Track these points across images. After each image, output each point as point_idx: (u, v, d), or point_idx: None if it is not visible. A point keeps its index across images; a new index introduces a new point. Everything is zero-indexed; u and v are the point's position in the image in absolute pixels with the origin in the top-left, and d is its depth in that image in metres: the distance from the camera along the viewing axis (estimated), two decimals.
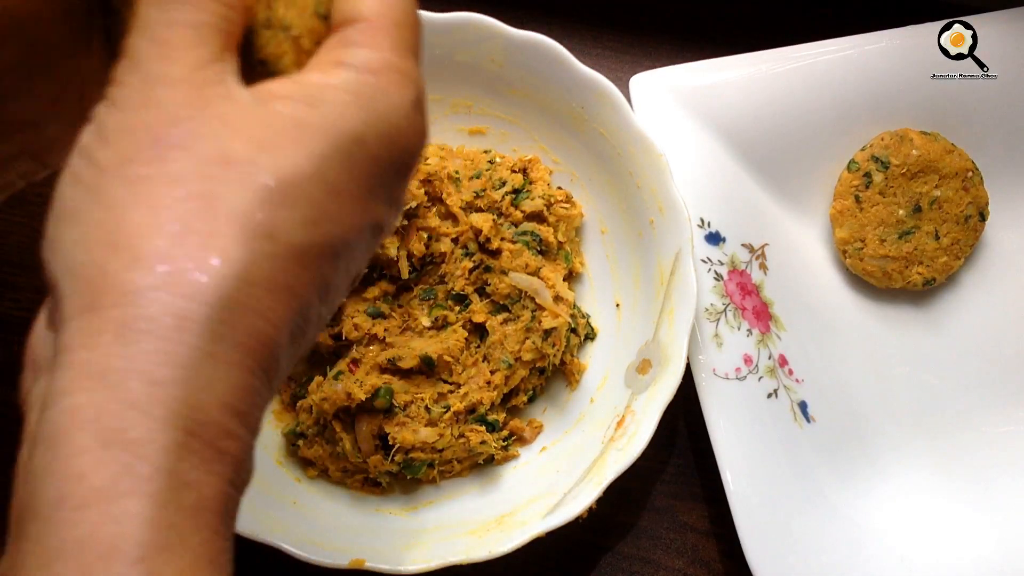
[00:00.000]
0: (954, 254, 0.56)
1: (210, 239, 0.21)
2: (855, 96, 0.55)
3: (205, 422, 0.21)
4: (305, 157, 0.22)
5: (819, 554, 0.49)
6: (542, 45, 0.50)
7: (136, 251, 0.21)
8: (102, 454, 0.20)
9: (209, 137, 0.22)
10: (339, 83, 0.24)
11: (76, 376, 0.21)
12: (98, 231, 0.21)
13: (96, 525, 0.20)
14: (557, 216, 0.53)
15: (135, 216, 0.21)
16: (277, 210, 0.22)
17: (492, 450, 0.51)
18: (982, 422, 0.55)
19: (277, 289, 0.22)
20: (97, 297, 0.21)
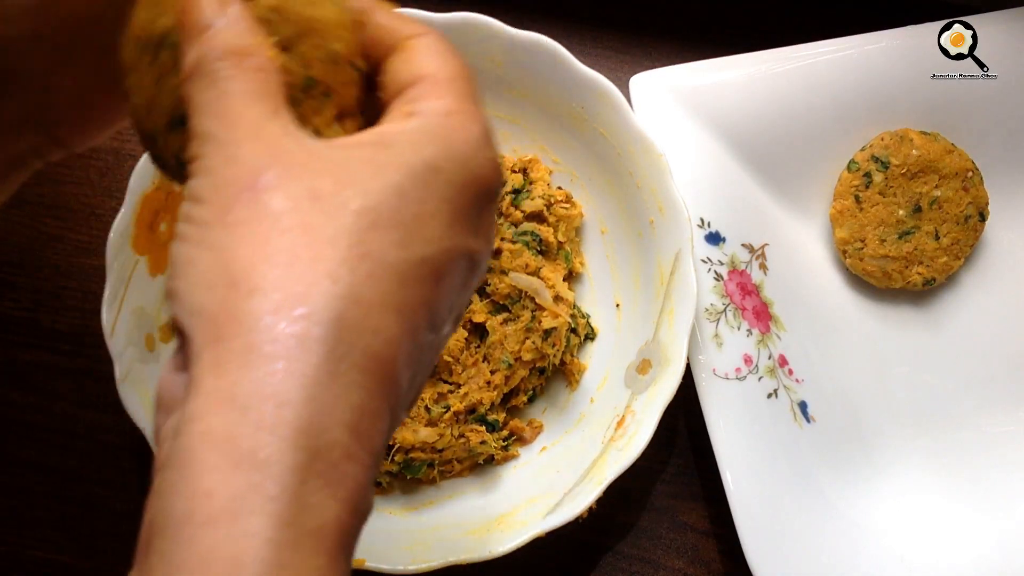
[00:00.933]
0: (954, 254, 0.56)
1: (315, 264, 0.22)
2: (855, 96, 0.55)
3: (330, 443, 0.22)
4: (387, 185, 0.24)
5: (819, 554, 0.49)
6: (542, 45, 0.50)
7: (250, 283, 0.22)
8: (231, 473, 0.21)
9: (294, 179, 0.23)
10: (409, 127, 0.25)
11: (206, 402, 0.22)
12: (211, 272, 0.23)
13: (221, 541, 0.20)
14: (557, 216, 0.53)
15: (243, 253, 0.23)
16: (369, 233, 0.23)
17: (492, 450, 0.51)
18: (982, 422, 0.55)
19: (385, 308, 0.23)
20: (221, 329, 0.22)
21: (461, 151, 0.25)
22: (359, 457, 0.22)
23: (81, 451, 0.53)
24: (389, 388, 0.23)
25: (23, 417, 0.54)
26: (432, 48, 0.27)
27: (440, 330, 0.26)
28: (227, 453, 0.21)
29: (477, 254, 0.26)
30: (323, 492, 0.22)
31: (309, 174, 0.24)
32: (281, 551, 0.21)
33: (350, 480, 0.22)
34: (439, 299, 0.25)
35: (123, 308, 0.47)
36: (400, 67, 0.27)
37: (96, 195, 0.57)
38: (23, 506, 0.53)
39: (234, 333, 0.22)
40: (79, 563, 0.52)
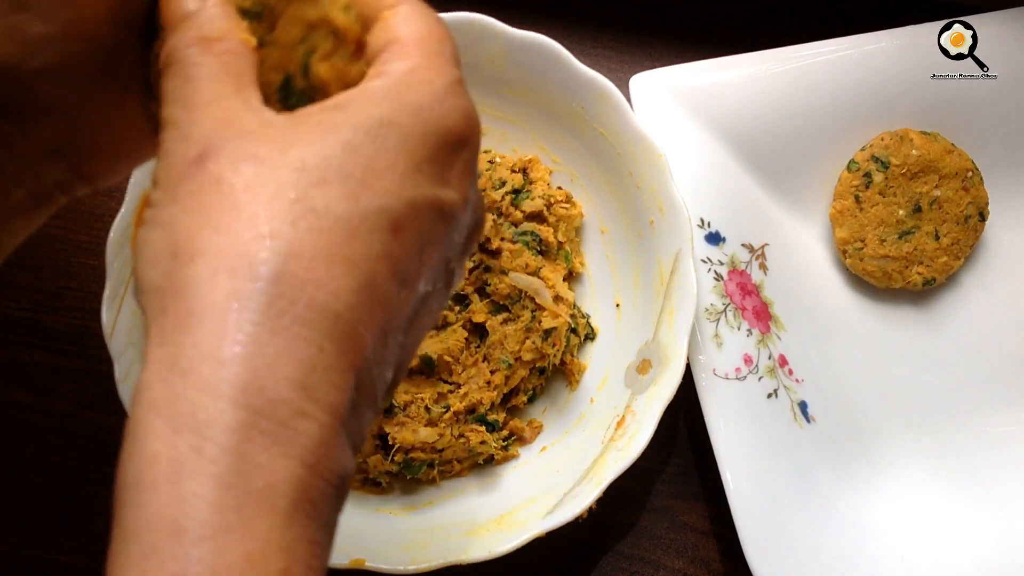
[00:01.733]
0: (954, 254, 0.56)
1: (253, 223, 0.22)
2: (855, 96, 0.55)
3: (274, 400, 0.21)
4: (335, 143, 0.24)
5: (819, 554, 0.49)
6: (542, 45, 0.50)
7: (191, 250, 0.22)
8: (173, 437, 0.21)
9: (239, 147, 0.23)
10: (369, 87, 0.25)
11: (151, 371, 0.22)
12: (158, 247, 0.23)
13: (163, 505, 0.20)
14: (557, 216, 0.53)
15: (186, 223, 0.23)
16: (314, 188, 0.23)
17: (492, 450, 0.51)
18: (982, 422, 0.55)
19: (331, 260, 0.23)
20: (165, 300, 0.22)
21: (419, 102, 0.25)
22: (312, 414, 0.22)
23: (81, 451, 0.53)
24: (346, 342, 0.23)
25: (23, 417, 0.54)
26: (406, 14, 0.27)
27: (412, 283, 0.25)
28: (169, 418, 0.21)
29: (448, 204, 0.25)
30: (271, 451, 0.21)
31: (255, 140, 0.24)
32: (223, 513, 0.20)
33: (304, 437, 0.22)
34: (401, 249, 0.24)
35: (123, 308, 0.47)
36: (377, 35, 0.27)
37: (96, 195, 0.57)
38: (23, 506, 0.53)
39: (175, 301, 0.22)
40: (79, 563, 0.52)
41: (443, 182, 0.25)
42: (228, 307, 0.22)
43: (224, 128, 0.24)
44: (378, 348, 0.24)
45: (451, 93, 0.26)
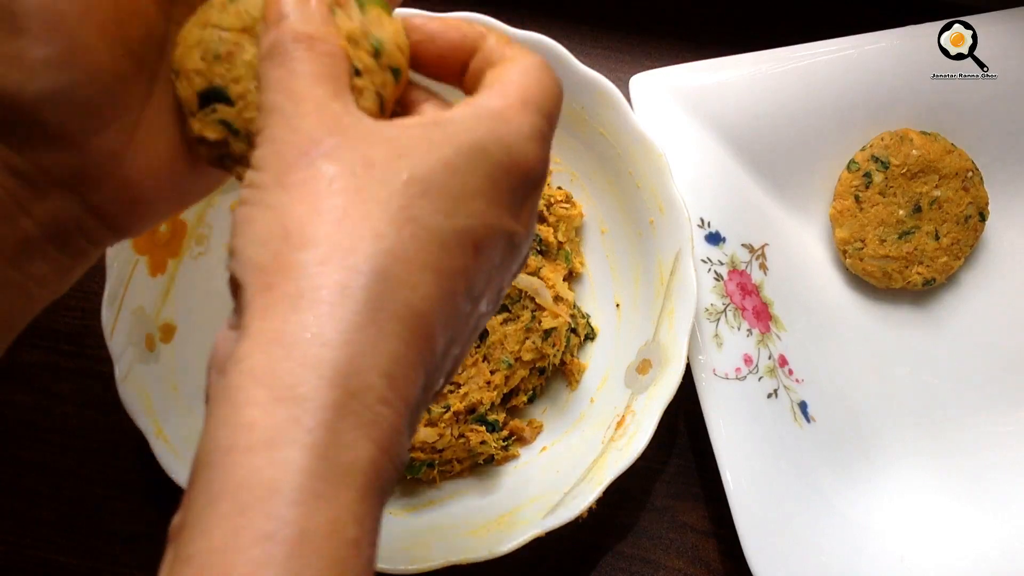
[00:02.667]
0: (954, 254, 0.56)
1: (363, 221, 0.24)
2: (855, 96, 0.55)
3: (365, 386, 0.23)
4: (436, 159, 0.26)
5: (819, 554, 0.49)
6: (542, 45, 0.50)
7: (302, 236, 0.24)
8: (272, 406, 0.22)
9: (350, 148, 0.25)
10: (463, 112, 0.27)
11: (253, 342, 0.23)
12: (267, 228, 0.25)
13: (259, 469, 0.22)
14: (557, 216, 0.53)
15: (297, 211, 0.24)
16: (417, 199, 0.25)
17: (492, 450, 0.51)
18: (982, 422, 0.55)
19: (425, 267, 0.25)
20: (271, 278, 0.24)
21: (509, 137, 0.27)
22: (393, 403, 0.24)
23: (81, 451, 0.53)
24: (424, 343, 0.25)
25: (23, 417, 0.54)
26: (526, 65, 0.29)
27: (478, 302, 0.27)
28: (269, 387, 0.22)
29: (516, 235, 0.28)
30: (357, 431, 0.23)
31: (365, 145, 0.25)
32: (315, 480, 0.22)
33: (384, 423, 0.23)
34: (477, 269, 0.26)
35: (123, 308, 0.47)
36: (488, 75, 0.29)
37: None
38: (23, 506, 0.53)
39: (283, 281, 0.24)
40: (79, 563, 0.52)
41: (516, 216, 0.28)
42: (335, 294, 0.23)
43: (332, 127, 0.26)
44: (443, 354, 0.26)
45: (536, 139, 0.28)
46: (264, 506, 0.21)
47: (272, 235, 0.24)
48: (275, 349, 0.23)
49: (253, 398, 0.22)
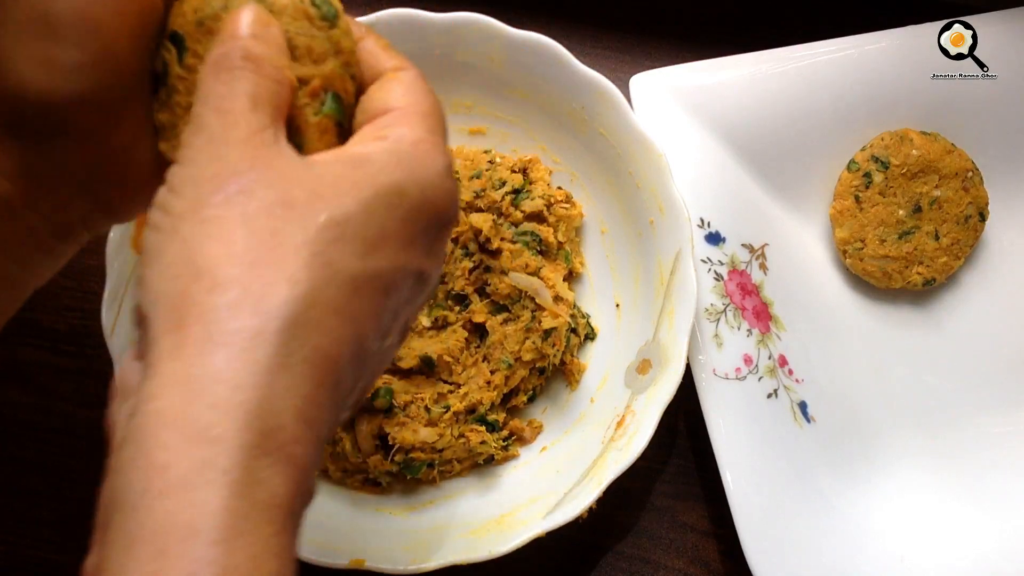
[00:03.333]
0: (954, 254, 0.56)
1: (279, 266, 0.24)
2: (855, 96, 0.55)
3: (278, 427, 0.24)
4: (355, 202, 0.26)
5: (819, 554, 0.49)
6: (542, 45, 0.50)
7: (214, 277, 0.24)
8: (185, 448, 0.22)
9: (270, 186, 0.25)
10: (380, 148, 0.27)
11: (162, 383, 0.23)
12: (177, 263, 0.24)
13: (177, 511, 0.22)
14: (557, 216, 0.53)
15: (211, 249, 0.24)
16: (334, 244, 0.25)
17: (492, 450, 0.51)
18: (982, 422, 0.55)
19: (338, 312, 0.25)
20: (181, 317, 0.24)
21: (425, 178, 0.27)
22: (305, 440, 0.24)
23: (81, 451, 0.53)
24: (334, 384, 0.25)
25: (23, 417, 0.54)
26: (410, 84, 0.29)
27: (385, 338, 0.28)
28: (182, 430, 0.23)
29: (426, 273, 0.28)
30: (272, 469, 0.23)
31: (285, 182, 0.25)
32: (233, 518, 0.22)
33: (297, 460, 0.24)
34: (386, 309, 0.27)
35: (123, 308, 0.47)
36: (377, 95, 0.29)
37: None
38: (23, 506, 0.53)
39: (194, 322, 0.24)
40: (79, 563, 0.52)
41: (429, 254, 0.28)
42: (247, 339, 0.24)
43: (256, 159, 0.26)
44: (351, 390, 0.27)
45: (448, 175, 0.29)
46: (184, 548, 0.21)
47: (183, 272, 0.24)
48: (186, 391, 0.23)
49: (165, 441, 0.22)
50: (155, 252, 0.25)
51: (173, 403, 0.23)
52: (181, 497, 0.22)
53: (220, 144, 0.26)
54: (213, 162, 0.25)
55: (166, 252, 0.25)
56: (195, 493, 0.22)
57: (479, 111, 0.55)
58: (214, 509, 0.22)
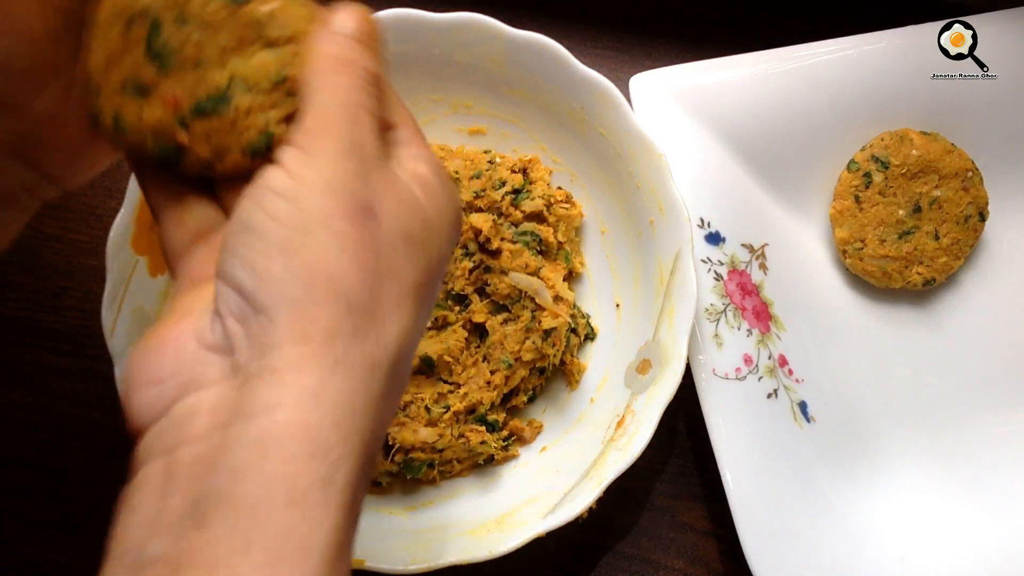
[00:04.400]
0: (954, 254, 0.56)
1: (399, 306, 0.26)
2: (855, 96, 0.55)
3: (374, 455, 0.26)
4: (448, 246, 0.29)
5: (819, 554, 0.49)
6: (542, 45, 0.50)
7: (346, 303, 0.25)
8: (310, 464, 0.23)
9: (394, 215, 0.27)
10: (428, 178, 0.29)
11: (291, 395, 0.24)
12: (312, 272, 0.25)
13: (296, 523, 0.23)
14: (557, 216, 0.53)
15: (344, 268, 0.25)
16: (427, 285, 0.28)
17: (492, 450, 0.51)
18: (982, 422, 0.55)
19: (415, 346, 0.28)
20: (310, 331, 0.24)
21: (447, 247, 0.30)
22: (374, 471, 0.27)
23: (81, 451, 0.53)
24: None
25: (23, 417, 0.54)
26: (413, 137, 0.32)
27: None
28: (306, 446, 0.23)
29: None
30: (363, 492, 0.25)
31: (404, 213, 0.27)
32: (343, 536, 0.24)
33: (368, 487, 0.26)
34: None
35: (123, 308, 0.47)
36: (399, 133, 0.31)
37: (96, 195, 0.57)
38: (23, 506, 0.53)
39: (323, 340, 0.25)
40: (79, 563, 0.52)
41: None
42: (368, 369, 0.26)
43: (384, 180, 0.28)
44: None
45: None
46: (300, 560, 0.23)
47: (314, 282, 0.25)
48: (314, 409, 0.24)
49: (290, 452, 0.23)
50: (284, 245, 0.25)
51: (300, 418, 0.24)
52: (301, 511, 0.23)
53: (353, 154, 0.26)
54: (347, 172, 0.26)
55: (298, 251, 0.25)
56: (315, 510, 0.23)
57: (479, 111, 0.55)
58: (329, 527, 0.23)
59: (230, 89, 0.28)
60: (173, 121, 0.28)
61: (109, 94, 0.28)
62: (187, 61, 0.28)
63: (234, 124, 0.28)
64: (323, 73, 0.28)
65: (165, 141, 0.28)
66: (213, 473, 0.23)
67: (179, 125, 0.28)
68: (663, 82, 0.54)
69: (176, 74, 0.28)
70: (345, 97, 0.27)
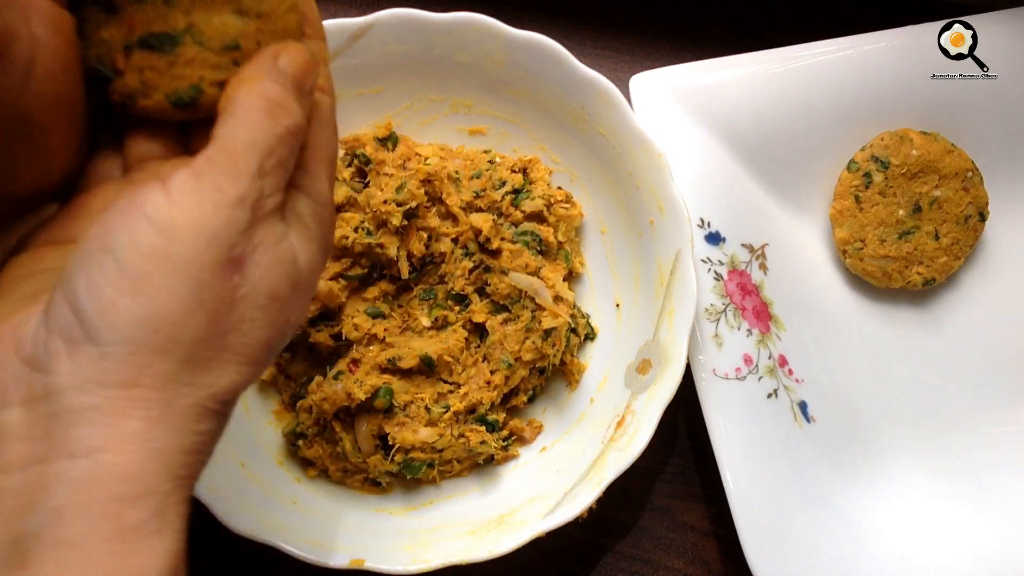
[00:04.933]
0: (954, 254, 0.56)
1: (239, 361, 0.26)
2: (855, 96, 0.55)
3: (198, 477, 0.26)
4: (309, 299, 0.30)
5: (819, 554, 0.49)
6: (542, 45, 0.50)
7: (185, 354, 0.25)
8: (137, 501, 0.24)
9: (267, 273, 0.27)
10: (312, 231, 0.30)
11: (115, 436, 0.24)
12: (159, 319, 0.24)
13: (130, 554, 0.23)
14: (557, 216, 0.53)
15: (192, 320, 0.25)
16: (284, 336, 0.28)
17: (492, 450, 0.51)
18: (982, 422, 0.55)
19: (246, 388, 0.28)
20: (142, 377, 0.24)
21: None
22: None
23: None
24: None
25: None
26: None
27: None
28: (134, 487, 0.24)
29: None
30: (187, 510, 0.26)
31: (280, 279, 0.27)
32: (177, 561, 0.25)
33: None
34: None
35: None
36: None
37: None
38: None
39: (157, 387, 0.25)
40: None
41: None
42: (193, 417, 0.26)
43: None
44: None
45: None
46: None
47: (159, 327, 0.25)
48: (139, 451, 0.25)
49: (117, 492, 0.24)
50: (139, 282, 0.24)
51: (127, 460, 0.24)
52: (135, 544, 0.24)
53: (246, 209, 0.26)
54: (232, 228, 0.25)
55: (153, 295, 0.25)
56: (150, 539, 0.24)
57: (479, 111, 0.55)
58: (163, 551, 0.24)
59: (182, 36, 0.29)
60: (120, 43, 0.29)
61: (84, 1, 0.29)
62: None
63: (171, 67, 0.29)
64: (249, 109, 0.26)
65: (105, 59, 0.29)
66: (32, 512, 0.23)
67: (122, 49, 0.29)
68: (663, 82, 0.54)
69: (144, 4, 0.29)
70: (263, 143, 0.26)
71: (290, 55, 0.28)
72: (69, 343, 0.24)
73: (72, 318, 0.24)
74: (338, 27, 0.49)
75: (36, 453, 0.24)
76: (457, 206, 0.51)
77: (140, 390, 0.24)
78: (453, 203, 0.51)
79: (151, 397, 0.24)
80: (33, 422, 0.24)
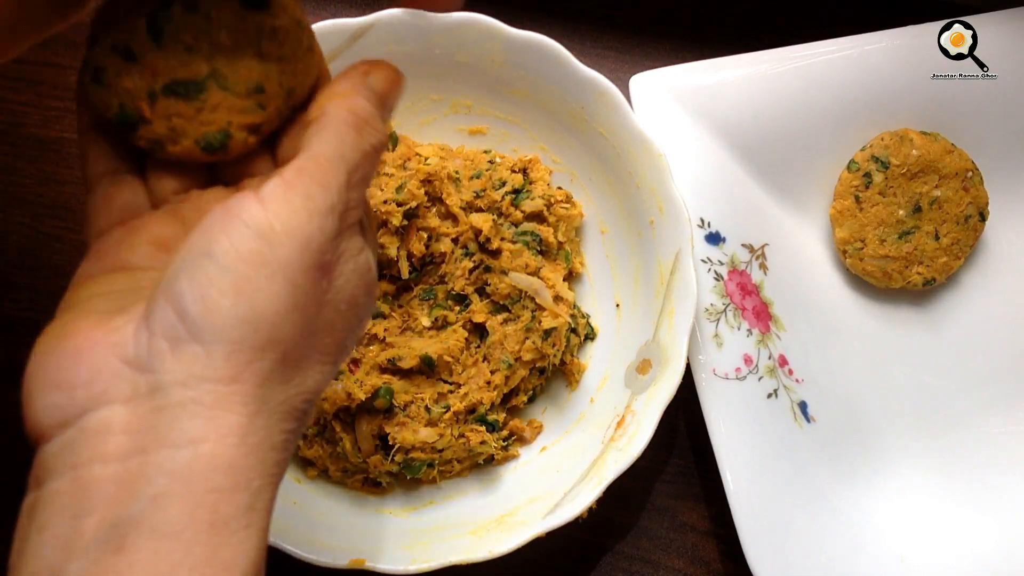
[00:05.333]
0: (954, 254, 0.56)
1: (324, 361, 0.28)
2: (855, 96, 0.55)
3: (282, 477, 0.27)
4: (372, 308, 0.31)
5: (819, 554, 0.49)
6: (542, 45, 0.50)
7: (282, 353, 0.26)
8: (231, 494, 0.25)
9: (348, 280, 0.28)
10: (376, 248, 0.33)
11: (215, 429, 0.25)
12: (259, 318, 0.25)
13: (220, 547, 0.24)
14: (557, 216, 0.53)
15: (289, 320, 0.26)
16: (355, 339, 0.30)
17: (492, 450, 0.51)
18: (982, 422, 0.55)
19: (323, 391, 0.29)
20: (242, 373, 0.25)
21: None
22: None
23: None
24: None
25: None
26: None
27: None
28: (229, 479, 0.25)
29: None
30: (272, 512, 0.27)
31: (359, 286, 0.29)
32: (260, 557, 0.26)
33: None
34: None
35: None
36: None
37: None
38: None
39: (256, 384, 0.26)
40: None
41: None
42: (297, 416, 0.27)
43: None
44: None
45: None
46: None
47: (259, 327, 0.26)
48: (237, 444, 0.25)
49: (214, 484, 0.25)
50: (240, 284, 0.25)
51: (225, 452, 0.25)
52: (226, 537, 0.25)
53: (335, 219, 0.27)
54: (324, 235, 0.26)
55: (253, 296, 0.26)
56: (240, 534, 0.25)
57: (479, 111, 0.55)
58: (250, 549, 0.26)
59: (206, 81, 0.29)
60: (144, 91, 0.29)
61: (100, 50, 0.29)
62: (180, 44, 0.29)
63: (199, 113, 0.29)
64: (340, 124, 0.28)
65: (130, 108, 0.29)
66: (132, 498, 0.24)
67: (147, 97, 0.29)
68: (663, 82, 0.54)
69: (166, 52, 0.29)
70: (351, 158, 0.27)
71: (380, 73, 0.29)
72: (173, 343, 0.25)
73: (176, 319, 0.25)
74: (338, 27, 0.49)
75: (138, 445, 0.25)
76: (457, 206, 0.51)
77: (240, 385, 0.25)
78: (453, 203, 0.51)
79: (250, 392, 0.25)
80: (136, 417, 0.25)
